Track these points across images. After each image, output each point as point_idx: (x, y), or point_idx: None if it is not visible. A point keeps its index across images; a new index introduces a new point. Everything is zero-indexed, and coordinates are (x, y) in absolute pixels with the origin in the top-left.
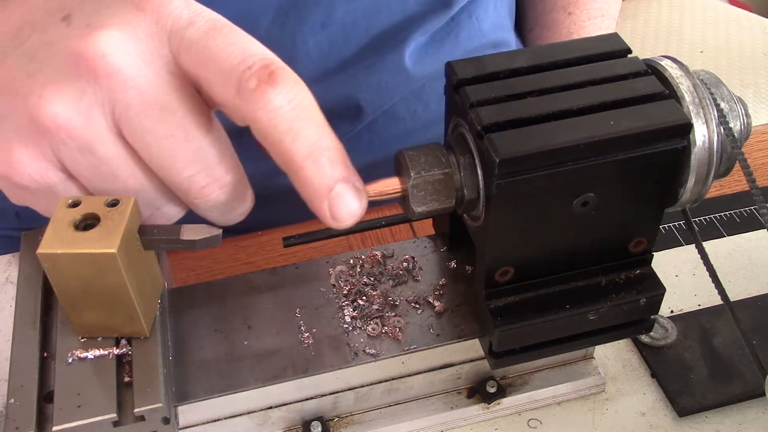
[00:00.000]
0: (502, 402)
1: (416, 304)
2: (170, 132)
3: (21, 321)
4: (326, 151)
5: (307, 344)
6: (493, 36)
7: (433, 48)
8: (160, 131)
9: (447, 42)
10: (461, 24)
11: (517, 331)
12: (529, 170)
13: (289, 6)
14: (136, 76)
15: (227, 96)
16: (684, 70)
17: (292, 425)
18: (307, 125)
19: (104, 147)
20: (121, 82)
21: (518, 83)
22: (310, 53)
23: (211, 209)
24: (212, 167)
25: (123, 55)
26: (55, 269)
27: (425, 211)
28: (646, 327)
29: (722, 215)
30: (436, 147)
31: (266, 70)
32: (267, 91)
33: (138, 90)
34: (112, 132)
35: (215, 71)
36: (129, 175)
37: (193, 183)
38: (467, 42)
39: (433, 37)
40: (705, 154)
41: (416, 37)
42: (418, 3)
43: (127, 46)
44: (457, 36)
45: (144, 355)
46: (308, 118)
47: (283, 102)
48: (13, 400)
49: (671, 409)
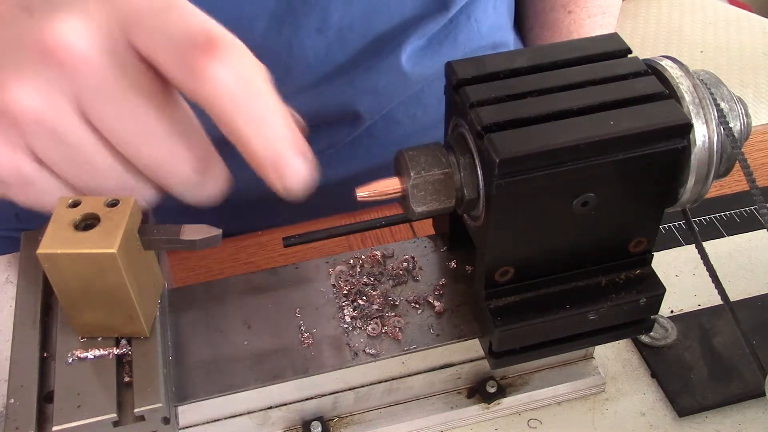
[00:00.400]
0: (502, 402)
1: (416, 304)
2: (132, 113)
3: (21, 321)
4: (271, 121)
5: (307, 344)
6: (492, 37)
7: (431, 51)
8: (122, 113)
9: (445, 44)
10: (459, 26)
11: (517, 331)
12: (529, 170)
13: (284, 11)
14: (96, 61)
15: (175, 73)
16: (684, 70)
17: (292, 425)
18: (251, 97)
19: (73, 133)
20: (83, 68)
21: (518, 83)
22: (306, 58)
23: (184, 188)
24: (177, 145)
25: (83, 41)
26: (55, 269)
27: (425, 211)
28: (646, 327)
29: (722, 215)
30: (436, 147)
31: (209, 44)
32: (209, 65)
33: (98, 74)
34: (79, 118)
35: (164, 49)
36: (100, 160)
37: (160, 162)
38: (466, 44)
39: (431, 40)
40: (705, 154)
41: (413, 40)
42: (415, 6)
43: (87, 32)
44: (455, 38)
45: (144, 355)
46: (252, 90)
47: (226, 75)
48: (13, 400)
49: (671, 409)
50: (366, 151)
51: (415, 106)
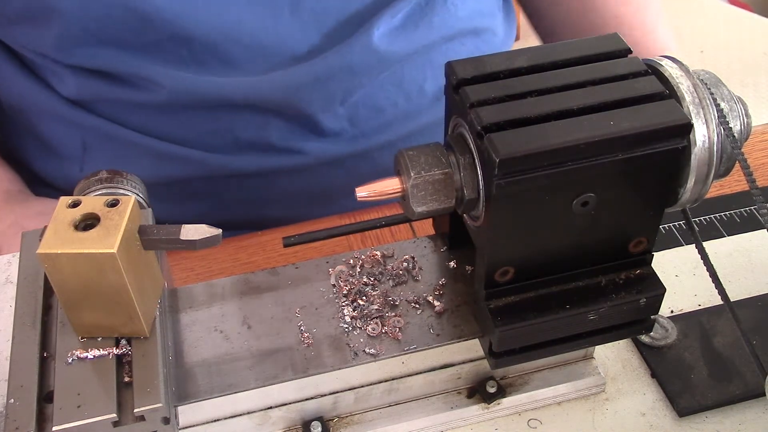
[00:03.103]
0: (502, 402)
1: (416, 304)
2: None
3: (21, 321)
4: None
5: (307, 344)
6: (472, 22)
7: (405, 31)
8: None
9: (420, 26)
10: (435, 8)
11: (517, 331)
12: (529, 170)
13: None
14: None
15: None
16: (684, 70)
17: (292, 425)
18: None
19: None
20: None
21: (518, 83)
22: (282, 39)
23: None
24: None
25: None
26: (55, 269)
27: (425, 211)
28: (646, 327)
29: (722, 215)
30: (436, 147)
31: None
32: None
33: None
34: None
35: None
36: None
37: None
38: (442, 27)
39: (405, 21)
40: (705, 154)
41: (387, 18)
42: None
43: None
44: (430, 20)
45: (144, 355)
46: None
47: None
48: (13, 400)
49: (671, 409)
50: (350, 139)
51: (397, 92)
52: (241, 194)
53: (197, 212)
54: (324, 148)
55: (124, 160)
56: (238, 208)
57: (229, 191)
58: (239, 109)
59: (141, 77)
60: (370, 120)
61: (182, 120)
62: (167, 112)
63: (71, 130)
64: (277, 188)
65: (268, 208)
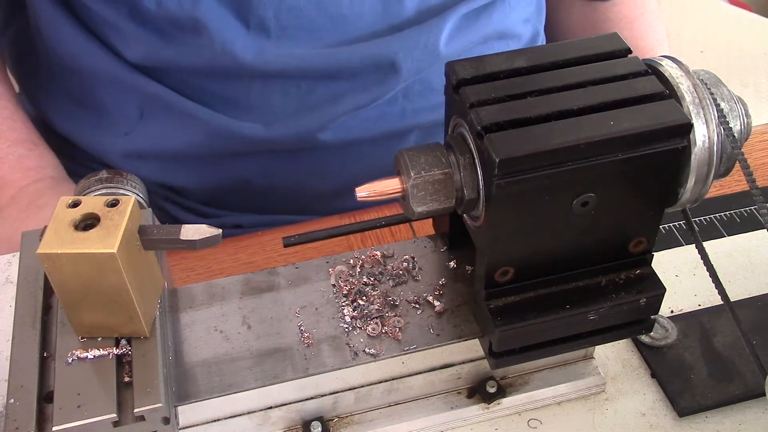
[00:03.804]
0: (502, 402)
1: (416, 304)
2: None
3: (21, 321)
4: None
5: (307, 344)
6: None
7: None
8: None
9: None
10: (495, 5)
11: (517, 331)
12: (528, 170)
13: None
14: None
15: None
16: (684, 70)
17: (292, 425)
18: None
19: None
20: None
21: (518, 83)
22: (363, 14)
23: None
24: None
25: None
26: (55, 269)
27: (425, 211)
28: (646, 327)
29: (722, 215)
30: (436, 147)
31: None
32: None
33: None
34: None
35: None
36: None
37: None
38: (499, 23)
39: (467, 18)
40: (705, 154)
41: (461, 8)
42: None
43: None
44: (490, 16)
45: (144, 355)
46: None
47: None
48: (13, 400)
49: (671, 409)
50: (400, 112)
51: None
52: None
53: (242, 187)
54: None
55: (175, 132)
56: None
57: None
58: (316, 79)
59: (217, 43)
60: (423, 97)
61: (250, 91)
62: (236, 81)
63: (130, 96)
64: (329, 165)
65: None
